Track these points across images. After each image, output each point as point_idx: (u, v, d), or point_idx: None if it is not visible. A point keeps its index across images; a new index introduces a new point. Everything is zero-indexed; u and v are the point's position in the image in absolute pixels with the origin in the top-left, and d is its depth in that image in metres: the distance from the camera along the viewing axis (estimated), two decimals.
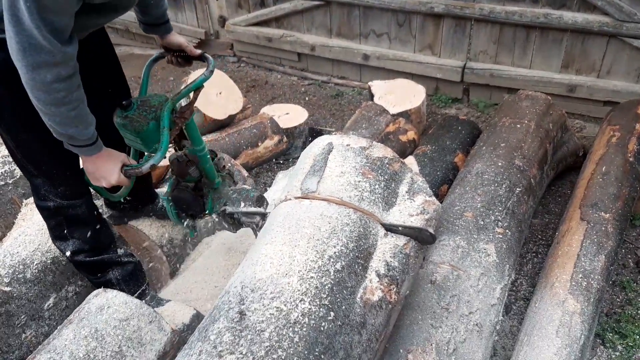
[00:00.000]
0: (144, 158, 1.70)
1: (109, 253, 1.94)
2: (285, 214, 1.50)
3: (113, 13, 1.54)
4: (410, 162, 2.73)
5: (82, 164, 1.63)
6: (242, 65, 4.75)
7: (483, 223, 2.07)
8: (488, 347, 1.82)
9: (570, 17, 3.21)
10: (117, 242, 2.06)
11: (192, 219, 2.11)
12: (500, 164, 2.36)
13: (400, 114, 3.20)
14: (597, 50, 3.30)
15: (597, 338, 2.08)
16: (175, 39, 1.84)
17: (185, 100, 1.75)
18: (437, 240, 1.80)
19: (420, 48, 3.86)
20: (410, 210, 1.59)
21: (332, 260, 1.34)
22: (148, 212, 2.31)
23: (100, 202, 2.21)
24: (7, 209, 2.33)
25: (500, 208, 2.16)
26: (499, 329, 2.09)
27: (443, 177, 2.70)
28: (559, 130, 2.81)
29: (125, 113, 1.65)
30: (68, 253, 1.87)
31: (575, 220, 2.25)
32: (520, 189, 2.29)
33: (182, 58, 1.87)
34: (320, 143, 1.71)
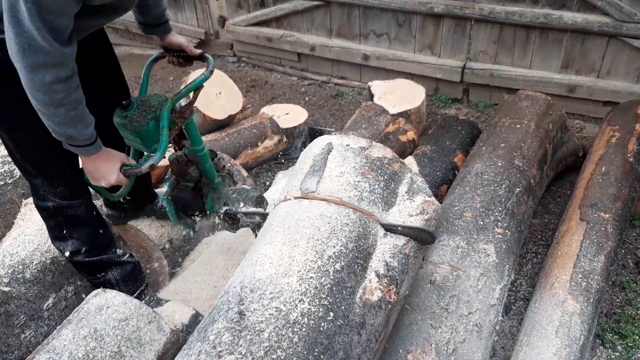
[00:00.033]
0: (144, 158, 1.70)
1: (108, 253, 1.94)
2: (285, 214, 1.50)
3: (113, 14, 1.54)
4: (410, 162, 2.72)
5: (81, 164, 1.63)
6: (242, 65, 4.75)
7: (483, 223, 2.07)
8: (487, 347, 1.82)
9: (570, 17, 3.21)
10: (116, 242, 2.05)
11: (191, 219, 2.11)
12: (500, 164, 2.36)
13: (400, 114, 3.20)
14: (597, 51, 3.29)
15: (596, 338, 2.08)
16: (175, 39, 1.84)
17: (185, 100, 1.75)
18: (436, 241, 1.79)
19: (420, 48, 3.85)
20: (410, 211, 1.59)
21: (331, 261, 1.34)
22: (148, 212, 2.31)
23: (100, 202, 2.21)
24: (6, 209, 2.32)
25: (500, 208, 2.16)
26: (499, 329, 2.09)
27: (443, 177, 2.70)
28: (559, 131, 2.81)
29: (125, 113, 1.65)
30: (67, 253, 1.87)
31: (575, 221, 2.25)
32: (520, 189, 2.29)
33: (182, 58, 1.88)
34: (320, 143, 1.71)
